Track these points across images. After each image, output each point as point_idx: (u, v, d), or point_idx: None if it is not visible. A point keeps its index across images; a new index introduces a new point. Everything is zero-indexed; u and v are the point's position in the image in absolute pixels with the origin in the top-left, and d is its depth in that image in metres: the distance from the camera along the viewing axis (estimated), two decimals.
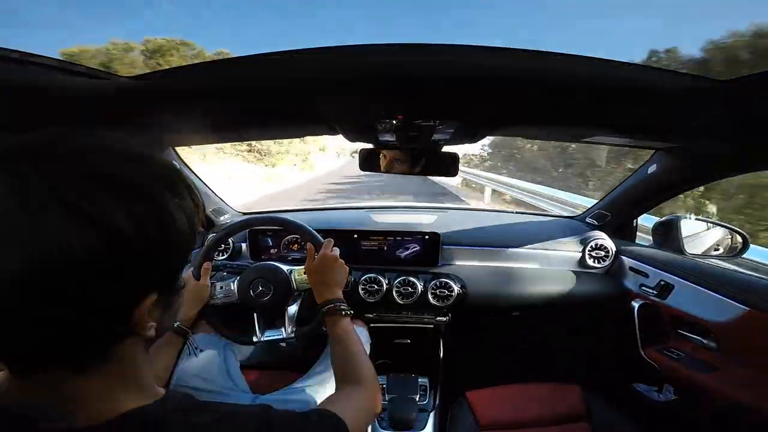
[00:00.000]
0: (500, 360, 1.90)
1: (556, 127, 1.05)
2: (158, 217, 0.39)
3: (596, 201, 1.78)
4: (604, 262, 1.58)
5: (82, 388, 0.41)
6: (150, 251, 0.38)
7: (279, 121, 1.06)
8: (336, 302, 0.95)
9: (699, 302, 1.21)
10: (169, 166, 0.43)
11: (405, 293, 1.47)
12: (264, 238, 1.55)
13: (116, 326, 0.40)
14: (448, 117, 0.94)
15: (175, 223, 0.40)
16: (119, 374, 0.43)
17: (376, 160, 1.29)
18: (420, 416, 1.35)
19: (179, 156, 1.42)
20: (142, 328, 0.42)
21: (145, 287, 0.40)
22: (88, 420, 0.40)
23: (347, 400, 0.74)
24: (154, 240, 0.38)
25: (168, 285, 0.45)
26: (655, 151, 1.33)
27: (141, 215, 0.37)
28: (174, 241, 0.41)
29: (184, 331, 1.09)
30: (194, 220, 0.44)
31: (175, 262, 0.44)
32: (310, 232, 1.15)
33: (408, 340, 1.66)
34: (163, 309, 0.46)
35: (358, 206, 2.03)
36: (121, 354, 0.43)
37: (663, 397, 1.34)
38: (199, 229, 0.47)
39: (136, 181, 0.38)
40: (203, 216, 0.48)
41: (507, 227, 1.77)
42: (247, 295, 1.18)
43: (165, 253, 0.41)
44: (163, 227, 0.39)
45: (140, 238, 0.37)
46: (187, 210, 0.43)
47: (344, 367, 0.85)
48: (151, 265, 0.40)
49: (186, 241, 0.43)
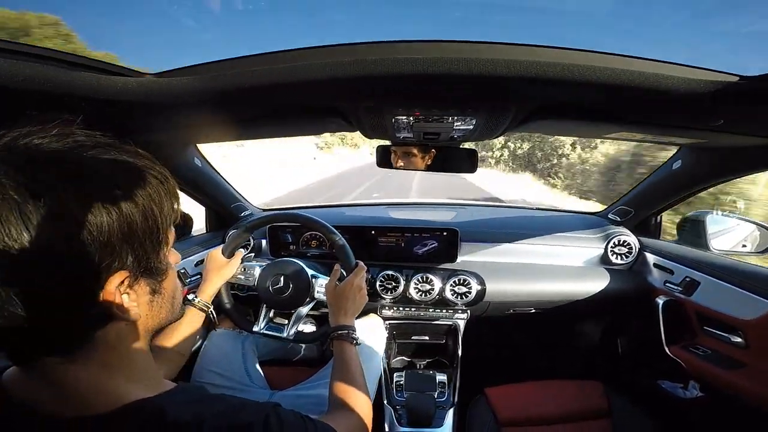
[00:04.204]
0: (519, 357, 1.89)
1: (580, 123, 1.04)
2: (115, 205, 0.39)
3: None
4: (627, 258, 1.55)
5: (73, 376, 0.42)
6: (106, 236, 0.39)
7: (298, 117, 1.07)
8: (349, 329, 0.97)
9: (726, 299, 1.18)
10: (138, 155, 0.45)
11: (423, 290, 1.47)
12: (284, 234, 1.57)
13: (83, 309, 0.40)
14: (466, 113, 0.94)
15: (132, 209, 0.41)
16: (108, 361, 0.44)
17: (392, 156, 1.29)
18: (438, 413, 1.35)
19: (201, 153, 1.45)
20: (119, 310, 0.42)
21: (107, 268, 0.40)
22: (85, 409, 0.41)
23: (343, 421, 0.76)
24: (109, 225, 0.39)
25: (142, 267, 0.44)
26: (680, 147, 1.30)
27: (98, 203, 0.38)
28: (134, 225, 0.41)
29: (205, 307, 1.10)
30: (162, 203, 0.45)
31: (142, 243, 0.43)
32: (347, 252, 1.14)
33: (426, 337, 1.67)
34: (151, 294, 0.47)
35: (375, 203, 2.03)
36: (105, 339, 0.43)
37: (688, 394, 1.32)
38: (177, 207, 0.48)
39: (95, 169, 0.39)
40: (177, 198, 0.49)
41: (527, 223, 1.75)
42: (264, 285, 1.20)
43: (125, 236, 0.41)
44: (121, 214, 0.40)
45: (96, 224, 0.38)
46: (152, 194, 0.44)
47: (342, 393, 0.86)
48: (108, 247, 0.39)
49: (149, 222, 0.43)
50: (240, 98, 0.83)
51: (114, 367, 0.44)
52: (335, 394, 0.86)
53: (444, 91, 0.81)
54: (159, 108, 0.82)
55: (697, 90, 0.70)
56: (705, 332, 1.28)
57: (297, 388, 1.18)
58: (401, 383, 1.47)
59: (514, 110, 0.93)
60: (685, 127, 0.99)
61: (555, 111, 0.94)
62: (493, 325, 1.78)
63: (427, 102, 0.90)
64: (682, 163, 1.31)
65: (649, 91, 0.72)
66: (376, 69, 0.68)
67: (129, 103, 0.74)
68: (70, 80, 0.64)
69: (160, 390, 0.47)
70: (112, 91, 0.70)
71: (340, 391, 0.86)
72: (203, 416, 0.45)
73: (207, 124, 1.06)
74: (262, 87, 0.75)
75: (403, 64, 0.67)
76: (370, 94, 0.85)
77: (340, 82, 0.74)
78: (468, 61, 0.66)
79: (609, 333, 1.78)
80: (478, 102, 0.88)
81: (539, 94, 0.83)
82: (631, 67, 0.67)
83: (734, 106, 0.77)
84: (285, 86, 0.75)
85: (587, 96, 0.82)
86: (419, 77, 0.70)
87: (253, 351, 1.34)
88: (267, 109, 0.97)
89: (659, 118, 0.94)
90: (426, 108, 0.93)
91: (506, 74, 0.68)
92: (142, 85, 0.72)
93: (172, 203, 0.47)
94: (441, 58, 0.66)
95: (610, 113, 0.94)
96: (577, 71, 0.67)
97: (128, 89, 0.71)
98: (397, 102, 0.89)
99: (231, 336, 1.32)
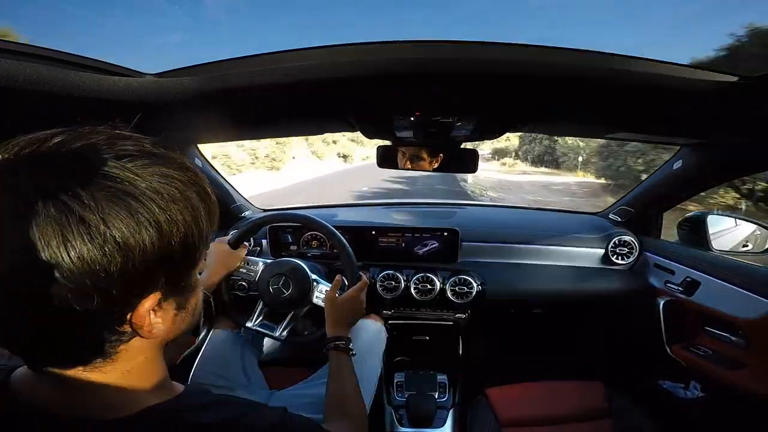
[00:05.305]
0: (520, 357, 1.89)
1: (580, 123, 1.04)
2: (157, 225, 0.37)
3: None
4: (628, 258, 1.55)
5: (92, 385, 0.41)
6: (146, 257, 0.37)
7: (299, 118, 1.07)
8: (346, 340, 0.98)
9: (727, 299, 1.18)
10: (183, 169, 0.42)
11: (423, 290, 1.47)
12: (284, 234, 1.57)
13: (115, 328, 0.40)
14: (468, 114, 0.94)
15: (174, 229, 0.39)
16: (129, 373, 0.44)
17: (394, 157, 1.29)
18: (439, 413, 1.35)
19: (201, 153, 1.45)
20: (146, 330, 0.42)
21: (142, 290, 0.40)
22: (104, 414, 0.41)
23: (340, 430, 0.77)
24: (150, 247, 0.37)
25: (173, 286, 0.44)
26: (680, 147, 1.30)
27: (140, 223, 0.36)
28: (173, 247, 0.40)
29: (206, 296, 1.10)
30: (201, 223, 0.43)
31: (177, 265, 0.42)
32: (351, 263, 1.15)
33: (427, 337, 1.66)
34: (176, 310, 0.46)
35: (375, 203, 2.03)
36: (129, 354, 0.43)
37: (689, 393, 1.32)
38: (213, 228, 0.46)
39: (138, 186, 0.37)
40: (216, 218, 0.47)
41: (527, 223, 1.75)
42: (264, 283, 1.20)
43: (164, 258, 0.39)
44: (161, 234, 0.38)
45: (137, 245, 0.36)
46: (193, 214, 0.42)
47: (338, 402, 0.87)
48: (148, 270, 0.38)
49: (187, 244, 0.41)
50: (240, 98, 0.83)
51: (132, 375, 0.44)
52: (330, 404, 0.87)
53: (445, 92, 0.81)
54: (159, 108, 0.82)
55: (697, 90, 0.70)
56: (706, 332, 1.28)
57: (295, 387, 1.18)
58: (402, 383, 1.47)
59: (515, 111, 0.93)
60: (685, 126, 0.99)
61: (555, 111, 0.94)
62: (493, 325, 1.78)
63: (428, 102, 0.90)
64: (683, 163, 1.30)
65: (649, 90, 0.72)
66: (377, 69, 0.68)
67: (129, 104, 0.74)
68: (71, 81, 0.64)
69: (173, 394, 0.48)
70: (112, 92, 0.70)
71: (336, 402, 0.87)
72: (221, 419, 0.45)
73: (207, 124, 1.07)
74: (262, 87, 0.75)
75: (404, 64, 0.67)
76: (370, 95, 0.86)
77: (340, 82, 0.74)
78: (468, 61, 0.66)
79: (610, 333, 1.77)
80: (479, 102, 0.88)
81: (540, 95, 0.83)
82: (631, 67, 0.68)
83: (735, 105, 0.77)
84: (285, 87, 0.75)
85: (588, 96, 0.82)
86: (420, 77, 0.70)
87: (252, 352, 1.34)
88: (267, 110, 0.97)
89: (659, 118, 0.94)
90: (426, 108, 0.93)
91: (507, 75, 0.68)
92: (143, 86, 0.72)
93: (210, 222, 0.45)
94: (442, 58, 0.66)
95: (611, 113, 0.94)
96: (578, 71, 0.68)
97: (128, 89, 0.71)
98: (397, 102, 0.89)
99: (230, 337, 1.32)
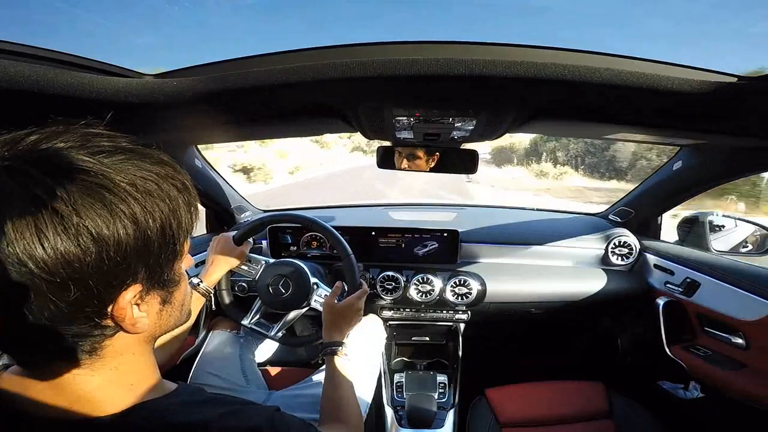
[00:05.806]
0: (520, 357, 1.89)
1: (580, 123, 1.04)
2: (133, 217, 0.38)
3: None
4: (628, 259, 1.55)
5: (80, 381, 0.41)
6: (122, 249, 0.38)
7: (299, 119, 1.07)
8: (342, 346, 0.98)
9: (726, 300, 1.18)
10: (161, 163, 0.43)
11: (423, 291, 1.47)
12: (284, 235, 1.57)
13: (97, 321, 0.40)
14: (468, 114, 0.94)
15: (150, 221, 0.40)
16: (117, 370, 0.44)
17: (393, 157, 1.29)
18: (439, 414, 1.35)
19: (201, 154, 1.45)
20: (128, 323, 0.41)
21: (121, 282, 0.40)
22: (92, 412, 0.41)
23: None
24: (126, 238, 0.38)
25: (155, 279, 0.44)
26: (680, 148, 1.30)
27: (115, 215, 0.37)
28: (150, 239, 0.40)
29: (207, 292, 1.10)
30: (180, 215, 0.43)
31: (157, 257, 0.42)
32: (353, 271, 1.14)
33: (426, 338, 1.66)
34: (161, 304, 0.46)
35: (375, 203, 2.03)
36: (115, 350, 0.43)
37: (689, 394, 1.32)
38: (195, 221, 0.46)
39: (113, 179, 0.37)
40: (197, 211, 0.47)
41: (527, 224, 1.75)
42: (264, 283, 1.20)
43: (141, 250, 0.40)
44: (138, 226, 0.39)
45: (112, 237, 0.37)
46: (171, 206, 0.42)
47: (334, 406, 0.87)
48: (125, 261, 0.38)
49: (165, 236, 0.42)
50: (240, 99, 0.83)
51: (120, 372, 0.44)
52: (326, 408, 0.87)
53: (444, 92, 0.81)
54: (159, 109, 0.82)
55: (697, 90, 0.70)
56: (705, 333, 1.28)
57: (293, 388, 1.18)
58: (402, 384, 1.47)
59: (515, 111, 0.93)
60: (685, 127, 0.99)
61: (555, 111, 0.94)
62: (493, 325, 1.78)
63: (428, 103, 0.90)
64: (683, 164, 1.31)
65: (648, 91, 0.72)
66: (377, 70, 0.68)
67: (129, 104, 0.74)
68: (71, 81, 0.64)
69: (164, 392, 0.48)
70: (112, 92, 0.70)
71: (332, 406, 0.87)
72: (209, 417, 0.45)
73: (207, 125, 1.06)
74: (262, 88, 0.75)
75: (404, 65, 0.67)
76: (370, 96, 0.86)
77: (340, 83, 0.74)
78: (468, 62, 0.66)
79: (609, 334, 1.77)
80: (479, 103, 0.88)
81: (539, 95, 0.83)
82: (631, 67, 0.68)
83: (734, 106, 0.77)
84: (285, 87, 0.75)
85: (587, 96, 0.82)
86: (420, 78, 0.70)
87: (251, 353, 1.35)
88: (267, 110, 0.97)
89: (659, 118, 0.94)
90: (427, 109, 0.93)
91: (506, 75, 0.68)
92: (142, 86, 0.72)
93: (190, 214, 0.46)
94: (441, 59, 0.66)
95: (610, 114, 0.94)
96: (577, 72, 0.68)
97: (128, 90, 0.71)
98: (397, 103, 0.89)
99: (229, 338, 1.33)
